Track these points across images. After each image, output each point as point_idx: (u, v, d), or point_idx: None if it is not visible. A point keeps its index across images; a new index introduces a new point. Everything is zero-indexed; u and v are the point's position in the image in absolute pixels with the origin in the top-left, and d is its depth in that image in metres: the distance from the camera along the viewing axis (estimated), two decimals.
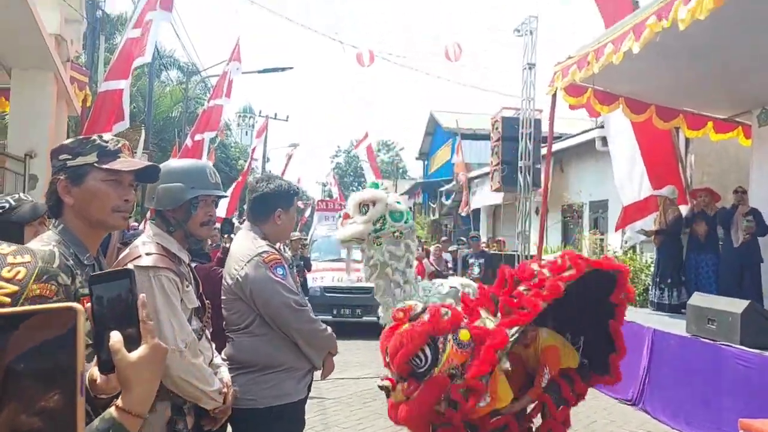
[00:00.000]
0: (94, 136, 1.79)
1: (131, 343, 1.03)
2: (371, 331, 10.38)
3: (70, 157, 1.72)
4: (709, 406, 5.04)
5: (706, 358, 5.20)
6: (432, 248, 12.35)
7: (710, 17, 4.95)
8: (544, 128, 10.18)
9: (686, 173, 9.31)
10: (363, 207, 6.82)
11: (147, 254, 2.10)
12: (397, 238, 6.34)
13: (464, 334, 3.25)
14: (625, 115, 8.17)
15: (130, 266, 2.05)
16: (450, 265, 11.88)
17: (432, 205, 24.69)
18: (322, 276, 10.94)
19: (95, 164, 1.72)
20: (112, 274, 1.11)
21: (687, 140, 9.37)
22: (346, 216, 6.79)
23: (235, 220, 3.97)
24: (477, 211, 18.91)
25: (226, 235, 4.49)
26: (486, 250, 12.36)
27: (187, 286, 2.17)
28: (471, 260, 11.37)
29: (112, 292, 1.07)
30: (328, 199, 23.19)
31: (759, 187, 7.74)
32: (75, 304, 0.83)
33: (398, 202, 5.96)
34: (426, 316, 3.14)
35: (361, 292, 10.72)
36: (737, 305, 5.06)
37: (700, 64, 6.77)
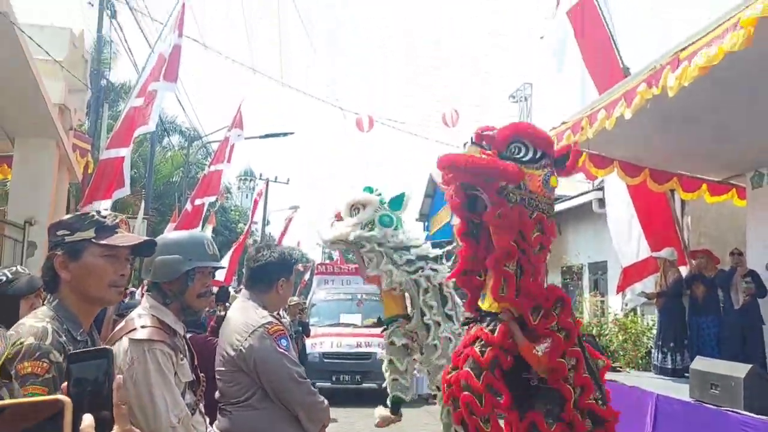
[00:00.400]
0: (92, 212, 1.83)
1: (104, 427, 0.99)
2: (371, 398, 10.19)
3: (68, 232, 1.75)
4: None
5: (710, 425, 5.09)
6: None
7: (699, 83, 5.10)
8: None
9: (683, 235, 9.35)
10: (354, 209, 6.97)
11: (142, 327, 2.10)
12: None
13: (554, 181, 3.46)
14: (620, 178, 8.28)
15: (125, 339, 2.06)
16: None
17: None
18: (321, 341, 10.82)
19: (93, 239, 1.75)
20: (91, 353, 1.07)
21: (683, 202, 9.45)
22: (338, 216, 6.88)
23: (231, 290, 3.94)
24: None
25: (220, 304, 4.49)
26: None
27: (182, 359, 2.16)
28: None
29: (89, 372, 1.03)
30: (327, 262, 23.14)
31: (754, 249, 7.75)
32: (62, 397, 0.84)
33: (395, 202, 6.25)
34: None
35: (361, 357, 10.59)
36: (740, 370, 5.00)
37: (691, 128, 6.90)
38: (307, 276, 25.40)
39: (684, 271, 8.36)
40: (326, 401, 2.65)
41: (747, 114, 6.39)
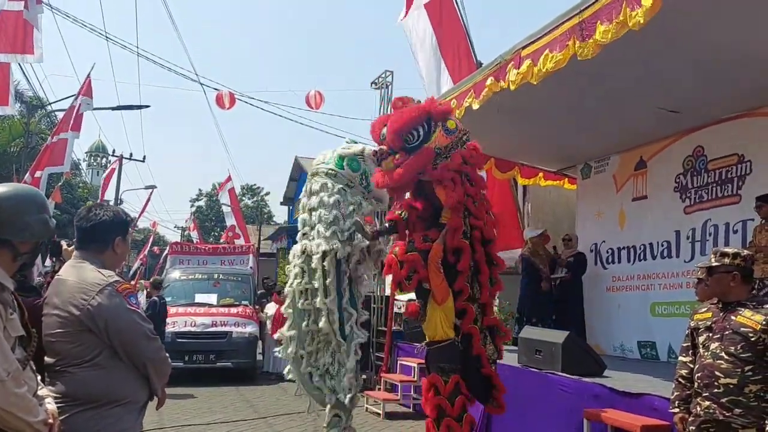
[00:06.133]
0: None
1: None
2: (224, 378, 10.12)
3: None
4: (534, 429, 5.47)
5: (534, 386, 5.67)
6: None
7: (540, 83, 5.60)
8: None
9: (523, 221, 10.18)
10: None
11: None
12: None
13: (451, 123, 3.94)
14: None
15: None
16: None
17: None
18: (174, 321, 10.47)
19: None
20: None
21: (525, 190, 10.29)
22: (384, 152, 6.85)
23: (63, 243, 3.74)
24: None
25: (58, 261, 4.27)
26: None
27: (11, 314, 2.10)
28: None
29: None
30: (183, 242, 22.34)
31: (582, 234, 8.64)
32: None
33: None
34: (423, 102, 3.94)
35: (215, 337, 10.40)
36: (558, 336, 5.61)
37: (532, 123, 7.54)
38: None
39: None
40: (168, 357, 2.67)
41: (579, 113, 7.10)
